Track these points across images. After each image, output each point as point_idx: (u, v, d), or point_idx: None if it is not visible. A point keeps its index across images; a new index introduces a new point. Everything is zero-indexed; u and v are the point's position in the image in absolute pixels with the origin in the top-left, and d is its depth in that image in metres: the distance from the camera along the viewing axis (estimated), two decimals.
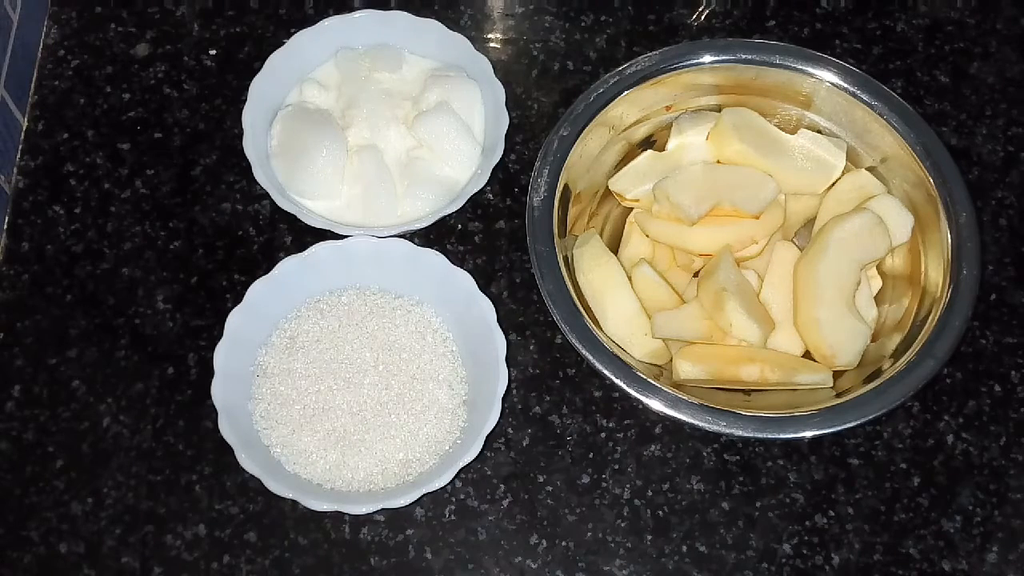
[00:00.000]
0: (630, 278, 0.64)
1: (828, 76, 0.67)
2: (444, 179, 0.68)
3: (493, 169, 0.67)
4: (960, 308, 0.61)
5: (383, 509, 0.58)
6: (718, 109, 0.69)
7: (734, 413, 0.58)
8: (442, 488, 0.59)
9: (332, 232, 0.65)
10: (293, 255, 0.63)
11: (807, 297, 0.62)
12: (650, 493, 0.63)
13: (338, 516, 0.62)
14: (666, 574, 0.61)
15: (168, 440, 0.64)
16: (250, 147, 0.67)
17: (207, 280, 0.68)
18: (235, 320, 0.62)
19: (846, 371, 0.63)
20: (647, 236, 0.67)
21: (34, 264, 0.69)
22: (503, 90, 0.69)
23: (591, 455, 0.64)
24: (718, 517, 0.62)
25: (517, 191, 0.71)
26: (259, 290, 0.63)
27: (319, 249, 0.64)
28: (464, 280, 0.63)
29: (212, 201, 0.71)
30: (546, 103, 0.74)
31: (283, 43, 0.71)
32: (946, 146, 0.65)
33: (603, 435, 0.64)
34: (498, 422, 0.59)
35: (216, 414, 0.59)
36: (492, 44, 0.77)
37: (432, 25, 0.71)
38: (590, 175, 0.68)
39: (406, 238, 0.65)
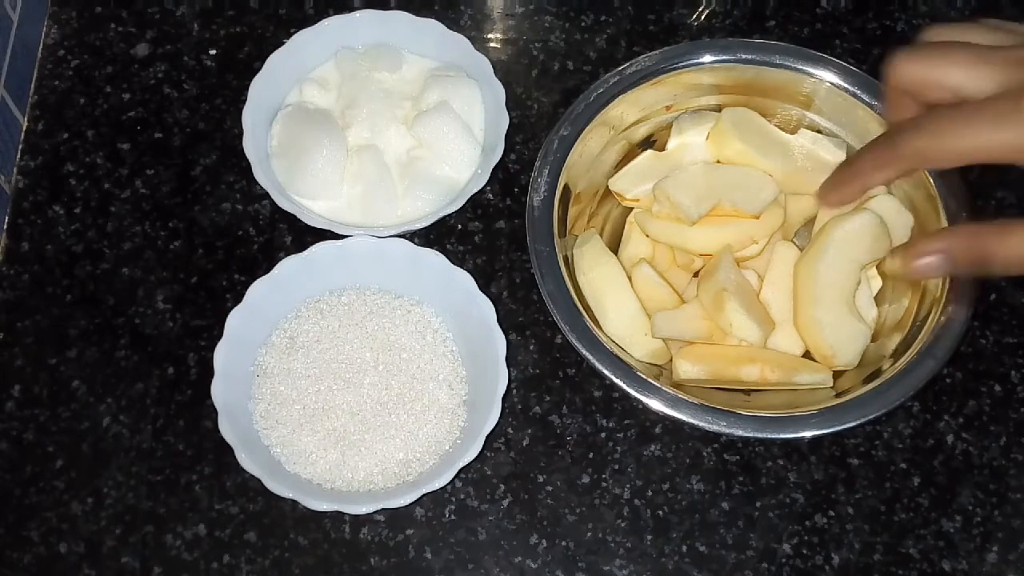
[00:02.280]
0: (630, 278, 0.64)
1: (828, 76, 0.67)
2: (444, 179, 0.68)
3: (493, 169, 0.67)
4: (960, 308, 0.61)
5: (383, 509, 0.58)
6: (718, 109, 0.69)
7: (734, 413, 0.58)
8: (442, 488, 0.59)
9: (332, 232, 0.65)
10: (293, 255, 0.63)
11: (807, 297, 0.62)
12: (650, 493, 0.63)
13: (338, 516, 0.62)
14: (666, 574, 0.61)
15: (168, 440, 0.64)
16: (250, 147, 0.67)
17: (207, 280, 0.68)
18: (235, 320, 0.61)
19: (846, 371, 0.63)
20: (647, 236, 0.66)
21: (34, 264, 0.69)
22: (503, 90, 0.69)
23: (591, 455, 0.64)
24: (718, 517, 0.62)
25: (517, 191, 0.71)
26: (259, 290, 0.63)
27: (319, 249, 0.64)
28: (464, 280, 0.63)
29: (212, 201, 0.71)
30: (546, 103, 0.74)
31: (283, 43, 0.70)
32: None
33: (603, 435, 0.64)
34: (498, 422, 0.59)
35: (216, 414, 0.59)
36: (492, 44, 0.77)
37: (432, 25, 0.71)
38: (590, 175, 0.68)
39: (406, 238, 0.65)
